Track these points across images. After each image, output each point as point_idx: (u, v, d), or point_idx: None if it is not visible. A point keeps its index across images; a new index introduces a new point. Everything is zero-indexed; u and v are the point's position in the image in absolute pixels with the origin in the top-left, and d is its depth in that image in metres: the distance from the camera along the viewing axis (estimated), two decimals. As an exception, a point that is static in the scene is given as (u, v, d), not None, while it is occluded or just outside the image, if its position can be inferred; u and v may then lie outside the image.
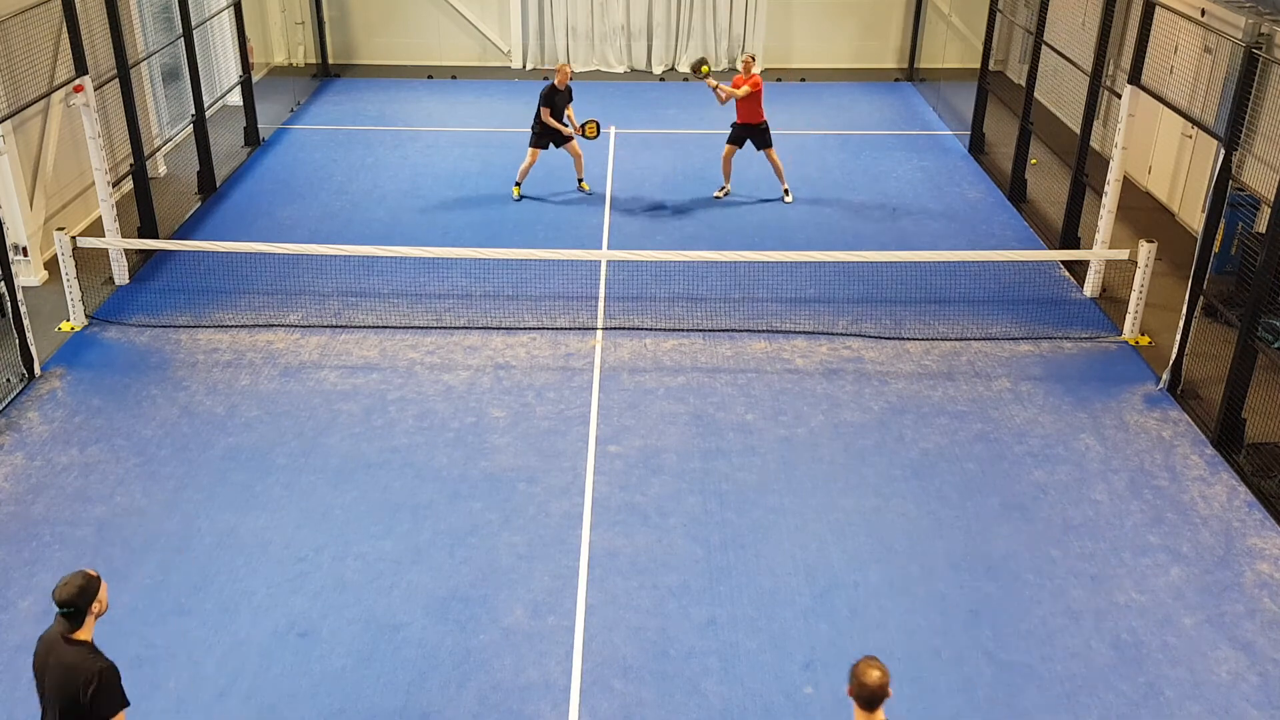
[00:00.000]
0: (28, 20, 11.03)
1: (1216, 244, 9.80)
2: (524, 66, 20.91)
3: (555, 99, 13.90)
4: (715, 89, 13.71)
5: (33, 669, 5.04)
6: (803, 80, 20.44)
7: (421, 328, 11.05)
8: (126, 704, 4.95)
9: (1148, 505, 8.50)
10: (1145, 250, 10.69)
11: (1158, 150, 14.43)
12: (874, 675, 4.69)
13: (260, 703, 6.62)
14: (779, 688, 6.77)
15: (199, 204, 14.18)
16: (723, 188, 14.57)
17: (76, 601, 4.88)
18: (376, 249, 11.02)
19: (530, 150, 14.13)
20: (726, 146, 14.29)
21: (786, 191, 14.47)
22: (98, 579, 4.99)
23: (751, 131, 14.10)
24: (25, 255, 11.68)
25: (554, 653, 7.01)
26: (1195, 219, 13.20)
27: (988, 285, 12.04)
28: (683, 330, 11.06)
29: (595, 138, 14.35)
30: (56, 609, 4.90)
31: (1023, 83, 14.49)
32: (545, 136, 14.07)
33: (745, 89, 13.74)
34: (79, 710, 4.83)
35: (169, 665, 6.87)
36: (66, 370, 10.22)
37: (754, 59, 14.18)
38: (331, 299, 11.63)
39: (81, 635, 4.93)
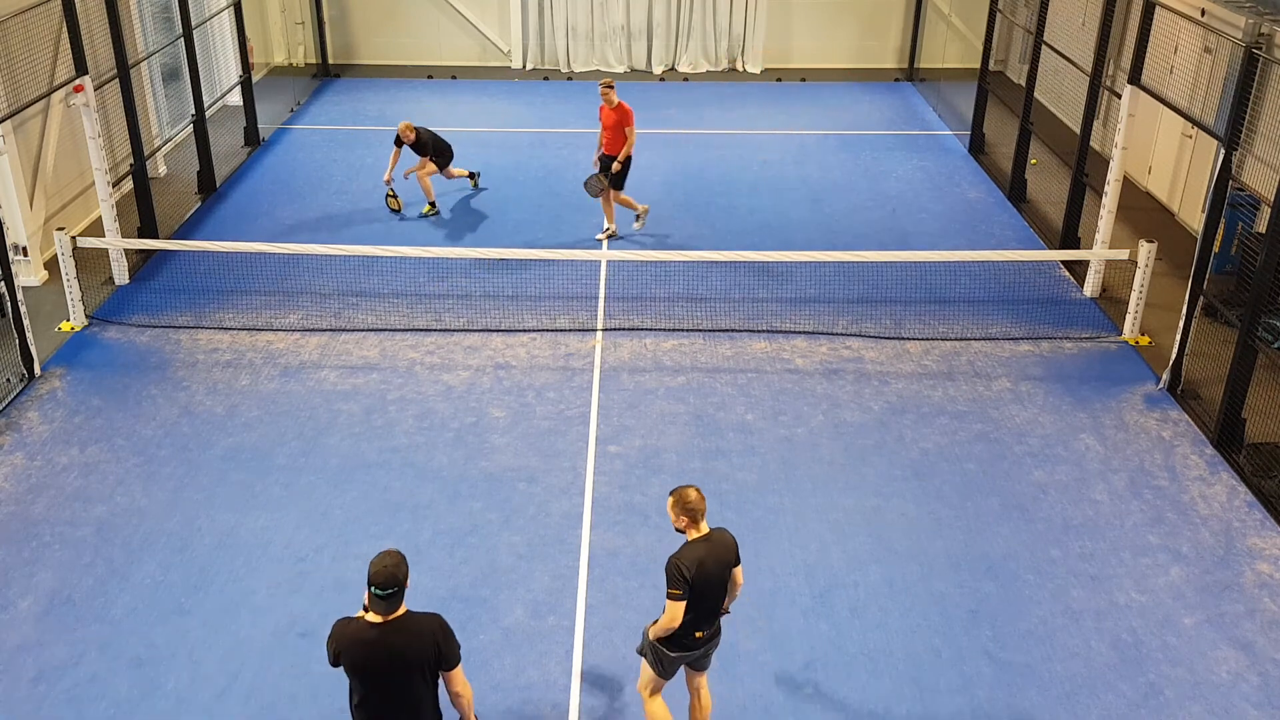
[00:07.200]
0: (28, 20, 11.03)
1: (1216, 244, 9.80)
2: (524, 66, 20.91)
3: (412, 150, 13.76)
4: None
5: (348, 663, 5.04)
6: (803, 80, 20.44)
7: (421, 329, 11.05)
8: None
9: (1148, 505, 8.50)
10: (1145, 250, 10.69)
11: (1158, 150, 14.42)
12: (692, 493, 5.59)
13: (260, 703, 6.62)
14: (779, 688, 6.77)
15: (199, 204, 14.18)
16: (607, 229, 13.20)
17: (402, 582, 5.00)
18: (376, 249, 11.02)
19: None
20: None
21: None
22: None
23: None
24: (25, 255, 11.68)
25: (554, 653, 7.01)
26: (1195, 219, 13.19)
27: (988, 285, 12.03)
28: (683, 330, 11.06)
29: (393, 210, 13.90)
30: (377, 592, 4.92)
31: (1023, 83, 14.49)
32: (441, 159, 13.95)
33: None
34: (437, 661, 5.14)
35: (169, 665, 6.87)
36: (66, 370, 10.22)
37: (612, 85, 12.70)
38: (331, 299, 11.63)
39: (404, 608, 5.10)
